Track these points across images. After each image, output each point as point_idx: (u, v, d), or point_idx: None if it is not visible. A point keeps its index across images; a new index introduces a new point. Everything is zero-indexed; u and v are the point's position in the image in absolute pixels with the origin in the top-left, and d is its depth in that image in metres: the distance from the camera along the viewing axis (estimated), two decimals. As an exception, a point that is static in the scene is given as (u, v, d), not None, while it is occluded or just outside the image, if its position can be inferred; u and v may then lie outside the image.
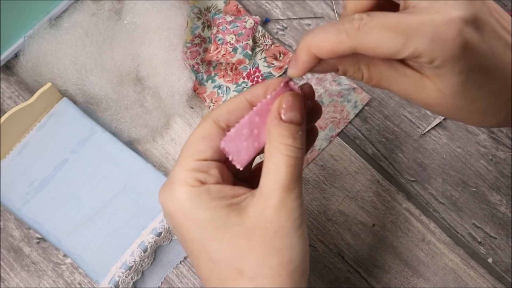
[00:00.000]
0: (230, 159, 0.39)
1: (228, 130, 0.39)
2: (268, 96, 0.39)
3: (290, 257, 0.36)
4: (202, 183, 0.37)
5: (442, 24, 0.32)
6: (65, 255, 0.56)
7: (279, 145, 0.36)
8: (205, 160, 0.38)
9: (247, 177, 0.42)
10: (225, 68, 0.61)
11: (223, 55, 0.60)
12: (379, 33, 0.33)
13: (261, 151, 0.39)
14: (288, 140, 0.36)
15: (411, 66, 0.36)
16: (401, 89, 0.37)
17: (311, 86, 0.40)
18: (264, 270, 0.36)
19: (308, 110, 0.40)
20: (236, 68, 0.61)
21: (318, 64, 0.37)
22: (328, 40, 0.34)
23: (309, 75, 0.61)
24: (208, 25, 0.63)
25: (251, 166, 0.44)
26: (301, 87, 0.40)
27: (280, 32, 0.64)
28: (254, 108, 0.39)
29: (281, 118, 0.37)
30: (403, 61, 0.36)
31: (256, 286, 0.36)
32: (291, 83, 0.39)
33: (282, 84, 0.39)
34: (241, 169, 0.39)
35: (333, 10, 0.64)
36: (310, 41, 0.35)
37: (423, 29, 0.32)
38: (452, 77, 0.34)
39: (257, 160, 0.43)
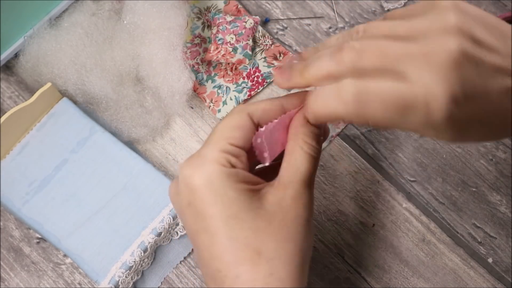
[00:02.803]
0: (257, 154, 0.41)
1: (259, 128, 0.41)
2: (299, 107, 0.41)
3: (302, 246, 0.38)
4: (233, 166, 0.38)
5: (432, 101, 0.33)
6: (65, 255, 0.56)
7: (303, 143, 0.39)
8: (238, 147, 0.39)
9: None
10: (225, 68, 0.61)
11: (223, 55, 0.60)
12: (378, 108, 0.35)
13: (281, 154, 0.42)
14: (312, 140, 0.40)
15: None
16: (410, 130, 0.39)
17: None
18: (281, 253, 0.38)
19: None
20: (236, 68, 0.61)
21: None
22: (328, 112, 0.37)
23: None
24: (208, 25, 0.63)
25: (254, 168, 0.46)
26: None
27: (280, 32, 0.64)
28: (288, 112, 0.41)
29: (308, 121, 0.40)
30: None
31: (273, 268, 0.37)
32: None
33: None
34: (267, 164, 0.41)
35: (333, 10, 0.64)
36: (313, 108, 0.38)
37: (418, 107, 0.34)
38: (452, 132, 0.35)
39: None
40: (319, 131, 0.41)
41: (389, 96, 0.34)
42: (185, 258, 0.56)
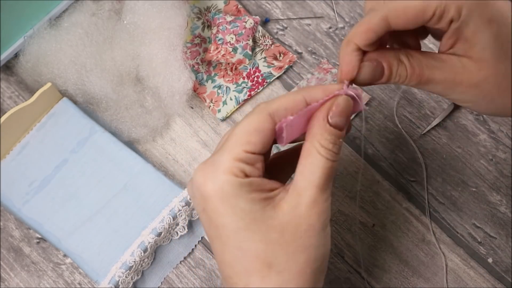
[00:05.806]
0: (282, 135, 0.39)
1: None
2: (326, 97, 0.39)
3: (316, 256, 0.38)
4: (247, 175, 0.37)
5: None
6: (65, 255, 0.56)
7: (319, 147, 0.38)
8: (254, 153, 0.38)
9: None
10: (225, 68, 0.61)
11: (223, 55, 0.60)
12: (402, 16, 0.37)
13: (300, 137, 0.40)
14: (329, 144, 0.38)
15: (447, 52, 0.39)
16: (444, 75, 0.39)
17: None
18: (292, 265, 0.37)
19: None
20: (236, 68, 0.61)
21: (368, 72, 0.40)
22: (362, 25, 0.38)
23: (309, 75, 0.61)
24: (208, 25, 0.63)
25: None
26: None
27: (280, 32, 0.64)
28: (313, 104, 0.39)
29: (328, 121, 0.38)
30: (440, 51, 0.40)
31: (283, 280, 0.37)
32: (350, 89, 0.39)
33: (344, 88, 0.39)
34: (283, 145, 0.40)
35: (333, 10, 0.64)
36: (349, 36, 0.39)
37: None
38: (485, 30, 0.36)
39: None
40: (339, 133, 0.39)
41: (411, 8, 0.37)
42: (185, 258, 0.56)
